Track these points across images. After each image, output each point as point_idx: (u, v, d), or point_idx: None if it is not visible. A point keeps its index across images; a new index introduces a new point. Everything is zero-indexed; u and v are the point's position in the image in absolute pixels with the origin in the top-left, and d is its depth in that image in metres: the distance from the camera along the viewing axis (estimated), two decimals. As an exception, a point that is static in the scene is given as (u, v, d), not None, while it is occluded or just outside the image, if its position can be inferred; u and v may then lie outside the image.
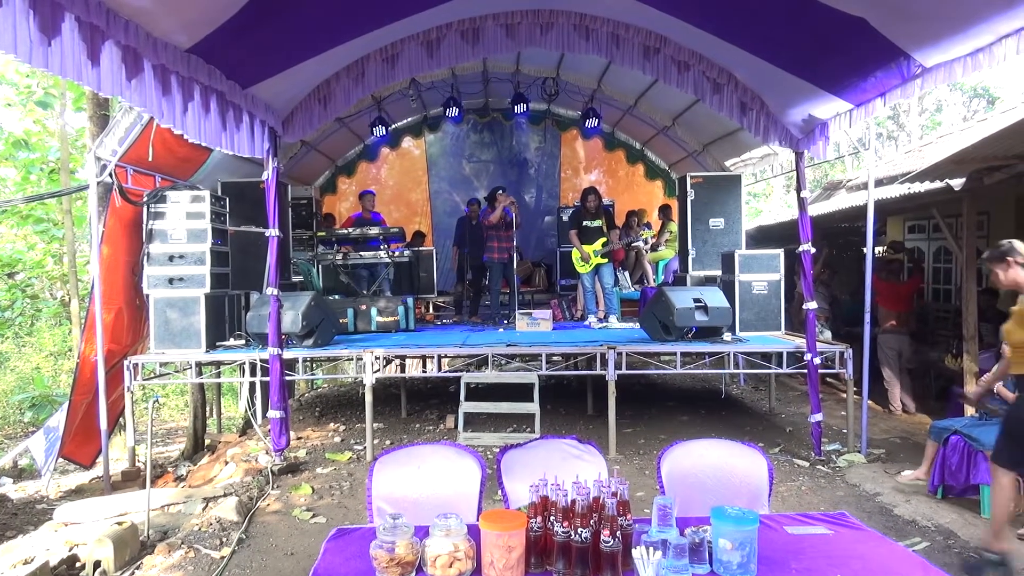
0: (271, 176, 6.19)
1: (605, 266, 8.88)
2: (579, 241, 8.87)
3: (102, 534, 4.54)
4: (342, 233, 9.15)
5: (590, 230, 8.87)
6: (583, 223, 8.89)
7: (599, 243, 8.79)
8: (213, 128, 5.03)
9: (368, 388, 6.76)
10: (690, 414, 8.42)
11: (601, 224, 8.86)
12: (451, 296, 11.42)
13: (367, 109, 10.71)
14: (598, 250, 8.79)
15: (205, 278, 6.87)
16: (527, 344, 7.22)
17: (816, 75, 5.65)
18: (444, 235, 12.82)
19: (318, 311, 7.21)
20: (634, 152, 12.89)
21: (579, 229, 8.90)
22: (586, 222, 8.89)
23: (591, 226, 8.86)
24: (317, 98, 6.20)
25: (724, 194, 9.03)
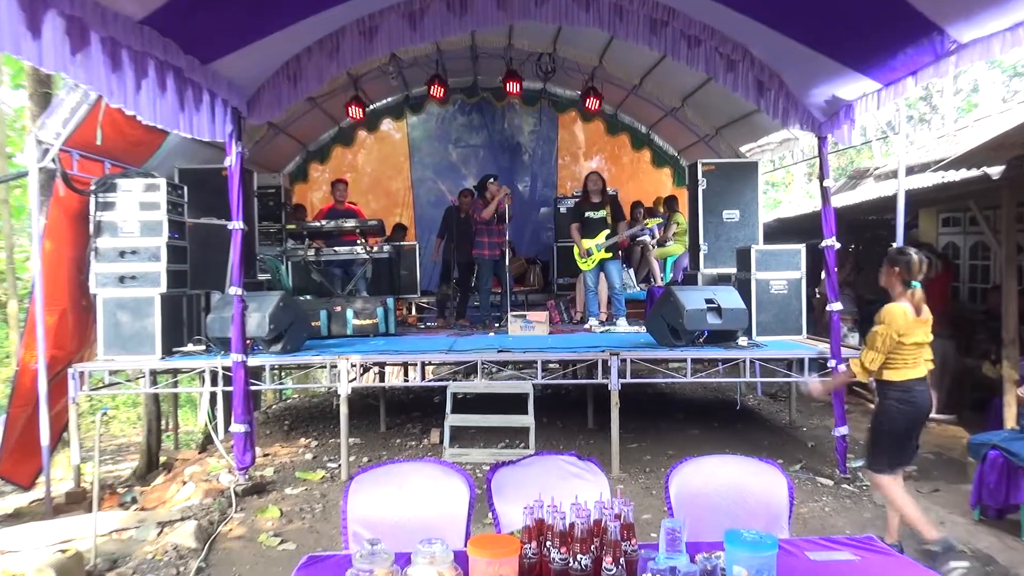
0: (235, 162, 6.16)
1: (611, 262, 8.87)
2: (579, 236, 8.88)
3: (43, 563, 4.51)
4: (314, 226, 9.13)
5: (592, 222, 8.85)
6: (585, 214, 8.89)
7: (601, 236, 8.78)
8: (169, 108, 5.01)
9: (343, 399, 6.75)
10: (702, 427, 8.43)
11: (605, 215, 8.84)
12: (435, 297, 11.41)
13: (342, 88, 10.69)
14: (600, 243, 8.77)
15: (160, 276, 6.84)
16: (520, 350, 7.22)
17: (840, 51, 5.66)
18: (428, 228, 12.82)
19: (287, 313, 7.19)
20: (640, 136, 12.91)
21: (581, 222, 8.91)
22: (588, 213, 8.87)
23: (594, 218, 8.85)
24: (286, 75, 6.17)
25: (739, 183, 9.05)
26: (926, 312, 4.54)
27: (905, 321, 4.43)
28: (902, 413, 4.54)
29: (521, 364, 8.03)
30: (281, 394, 11.63)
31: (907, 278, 4.53)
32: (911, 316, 4.45)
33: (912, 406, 4.53)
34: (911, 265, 4.52)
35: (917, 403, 4.54)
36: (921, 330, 4.52)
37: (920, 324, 4.50)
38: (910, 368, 4.52)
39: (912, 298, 4.49)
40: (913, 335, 4.47)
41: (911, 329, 4.46)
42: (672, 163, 12.88)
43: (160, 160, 8.07)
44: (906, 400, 4.53)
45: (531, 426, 7.00)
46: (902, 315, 4.44)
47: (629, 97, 11.63)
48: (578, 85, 11.37)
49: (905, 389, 4.53)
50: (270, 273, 9.18)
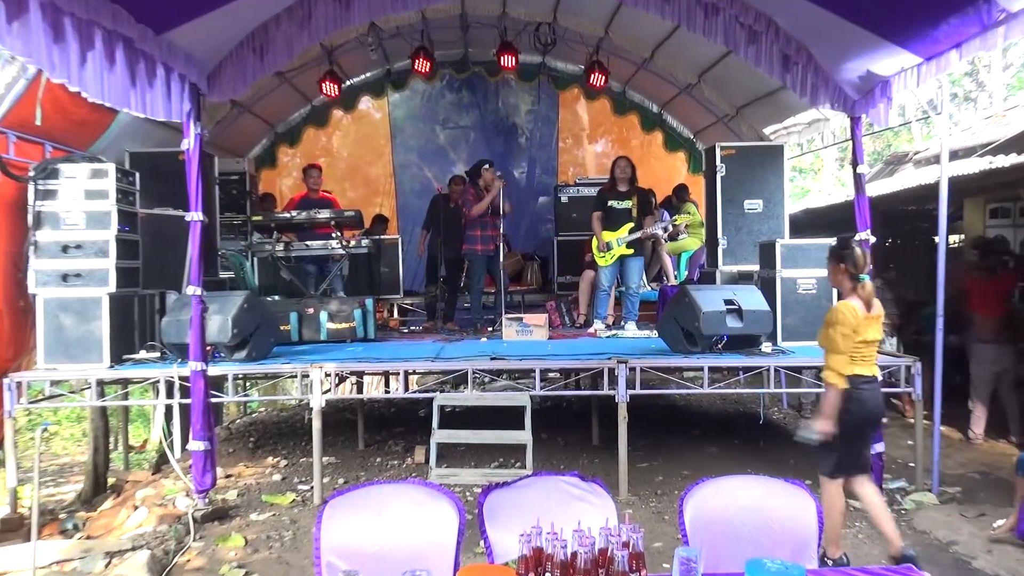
0: (193, 145, 6.15)
1: (632, 259, 8.88)
2: (601, 226, 8.89)
3: (-23, 598, 4.49)
4: (283, 217, 9.11)
5: (616, 212, 8.85)
6: (608, 203, 8.90)
7: (624, 229, 8.79)
8: (119, 84, 4.99)
9: (316, 413, 6.73)
10: (720, 444, 8.44)
11: (631, 206, 8.85)
12: (422, 298, 11.41)
13: (315, 62, 10.67)
14: (622, 238, 8.77)
15: (109, 274, 6.82)
16: (516, 357, 7.22)
17: (876, 21, 5.67)
18: (412, 220, 12.82)
19: (253, 316, 7.18)
20: (650, 116, 12.91)
21: (604, 211, 8.92)
22: (612, 202, 8.88)
23: (618, 207, 8.85)
24: (252, 47, 6.16)
25: (762, 169, 9.06)
26: (878, 307, 4.79)
27: (856, 318, 4.64)
28: (850, 413, 4.71)
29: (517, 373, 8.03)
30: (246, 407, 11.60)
31: (854, 272, 4.75)
32: (861, 313, 4.68)
33: (860, 404, 4.71)
34: (856, 258, 4.74)
35: (867, 402, 4.74)
36: (872, 327, 4.73)
37: (871, 320, 4.72)
38: (858, 366, 4.71)
39: (862, 293, 4.71)
40: (864, 332, 4.68)
41: (862, 326, 4.67)
42: (687, 147, 12.89)
43: (108, 143, 8.04)
44: (853, 398, 4.70)
45: (528, 443, 6.99)
46: (852, 313, 4.65)
47: (639, 72, 11.63)
48: (581, 59, 11.36)
49: (852, 386, 4.70)
50: (233, 271, 9.15)
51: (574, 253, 11.13)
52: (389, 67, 12.57)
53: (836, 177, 24.15)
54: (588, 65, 10.97)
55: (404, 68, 12.22)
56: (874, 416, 4.85)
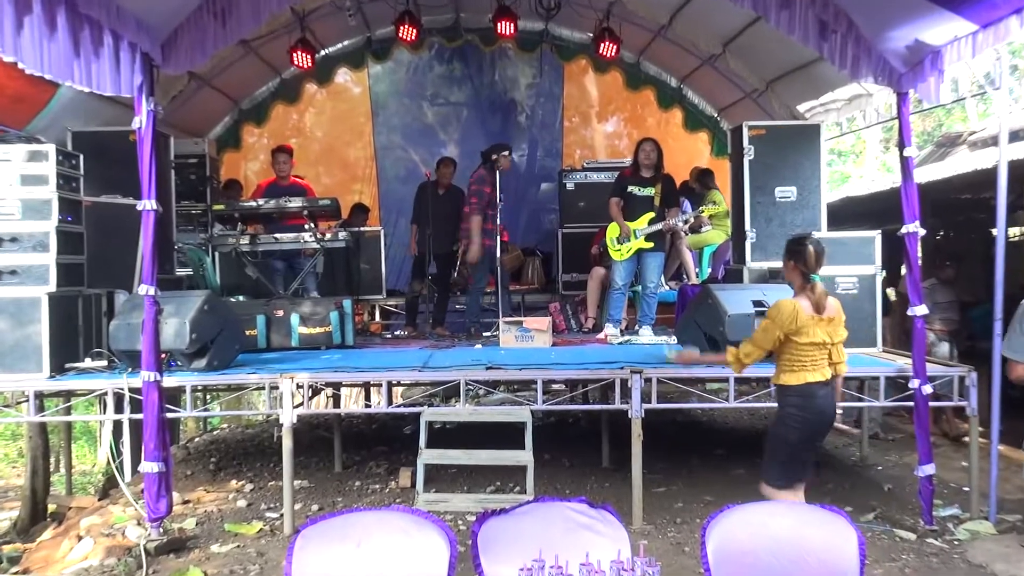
0: (145, 124, 6.13)
1: (651, 255, 8.90)
2: (620, 214, 8.89)
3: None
4: (249, 207, 9.12)
5: (636, 200, 8.86)
6: (628, 189, 8.91)
7: (644, 219, 8.79)
8: (61, 54, 4.99)
9: (286, 430, 6.72)
10: (747, 466, 8.44)
11: (653, 194, 8.86)
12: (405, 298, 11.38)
13: (285, 28, 10.66)
14: (641, 229, 8.77)
15: (49, 271, 6.81)
16: (515, 366, 7.21)
17: (927, -18, 5.67)
18: (395, 210, 12.83)
19: (214, 319, 7.17)
20: (668, 92, 12.92)
21: (622, 197, 8.92)
22: (633, 188, 8.89)
23: (638, 195, 8.87)
24: (212, 11, 6.15)
25: (796, 152, 9.04)
26: (833, 309, 5.02)
27: (795, 319, 4.86)
28: (798, 420, 4.97)
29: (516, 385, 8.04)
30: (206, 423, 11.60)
31: (805, 271, 5.00)
32: (806, 313, 4.89)
33: (810, 413, 4.96)
34: (807, 257, 4.97)
35: (816, 410, 4.96)
36: (823, 329, 4.94)
37: (821, 323, 4.94)
38: (808, 371, 4.94)
39: (812, 293, 4.95)
40: (810, 335, 4.89)
41: (807, 328, 4.88)
42: (710, 126, 12.88)
43: (49, 120, 8.03)
44: (803, 406, 4.96)
45: (529, 464, 7.00)
46: (790, 312, 4.88)
47: (655, 41, 11.63)
48: (590, 25, 11.37)
49: (802, 394, 4.96)
50: (192, 267, 9.15)
51: (581, 248, 11.09)
52: (370, 35, 12.55)
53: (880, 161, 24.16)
54: (597, 33, 10.97)
55: (387, 36, 12.21)
56: (824, 423, 5.09)
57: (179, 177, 9.83)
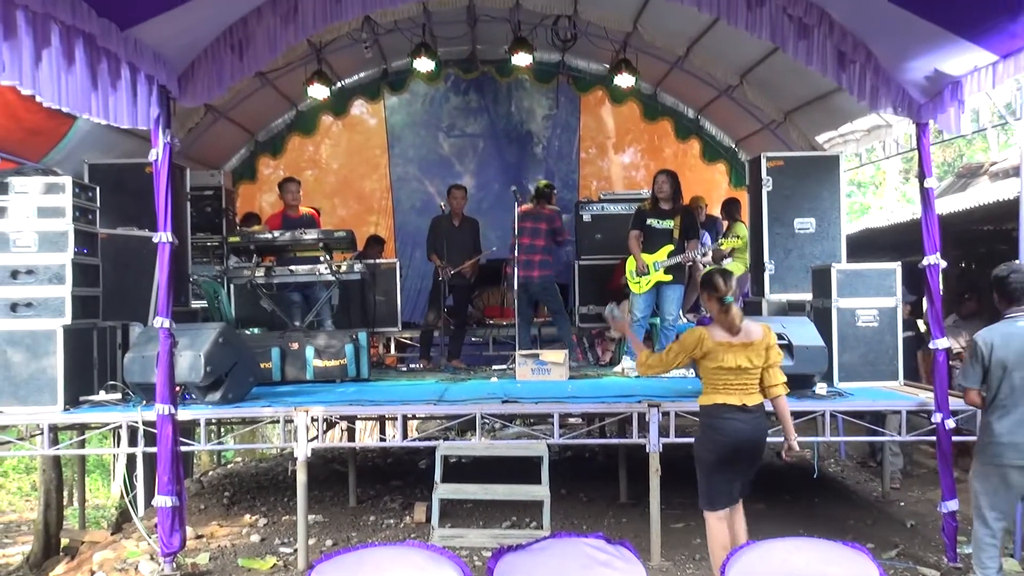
0: (162, 156, 6.18)
1: (670, 288, 8.88)
2: (639, 247, 8.90)
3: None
4: (264, 239, 9.12)
5: (656, 233, 8.85)
6: (647, 221, 8.92)
7: (662, 252, 8.79)
8: (78, 86, 5.02)
9: (301, 464, 6.72)
10: (768, 501, 8.38)
11: (672, 227, 8.86)
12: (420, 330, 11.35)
13: (301, 60, 10.76)
14: (660, 262, 8.77)
15: (64, 303, 6.84)
16: (532, 400, 7.19)
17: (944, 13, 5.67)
18: (411, 241, 12.85)
19: (229, 352, 7.19)
20: (686, 123, 12.95)
21: (642, 230, 8.94)
22: (651, 220, 8.89)
23: (657, 227, 8.86)
24: (229, 44, 6.20)
25: (815, 183, 9.05)
26: (752, 334, 5.25)
27: (699, 345, 5.19)
28: (709, 441, 5.32)
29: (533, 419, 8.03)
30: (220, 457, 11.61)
31: (717, 296, 5.23)
32: (716, 339, 5.18)
33: (720, 434, 5.25)
34: (715, 284, 5.24)
35: (726, 432, 5.23)
36: (736, 354, 5.18)
37: (734, 348, 5.19)
38: (719, 393, 5.23)
39: (725, 317, 5.19)
40: (718, 360, 5.18)
41: (714, 353, 5.18)
42: (728, 157, 12.90)
43: (66, 153, 8.10)
44: (712, 427, 5.30)
45: (545, 499, 6.96)
46: (695, 339, 5.21)
47: (672, 72, 11.67)
48: (606, 57, 11.41)
49: (710, 415, 5.31)
50: (207, 299, 9.18)
51: (598, 280, 11.08)
52: (386, 67, 12.66)
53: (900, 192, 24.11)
54: (614, 64, 11.01)
55: (403, 68, 12.30)
56: (740, 447, 5.27)
57: (195, 209, 9.89)
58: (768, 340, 5.26)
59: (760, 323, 5.45)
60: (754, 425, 5.28)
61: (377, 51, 11.46)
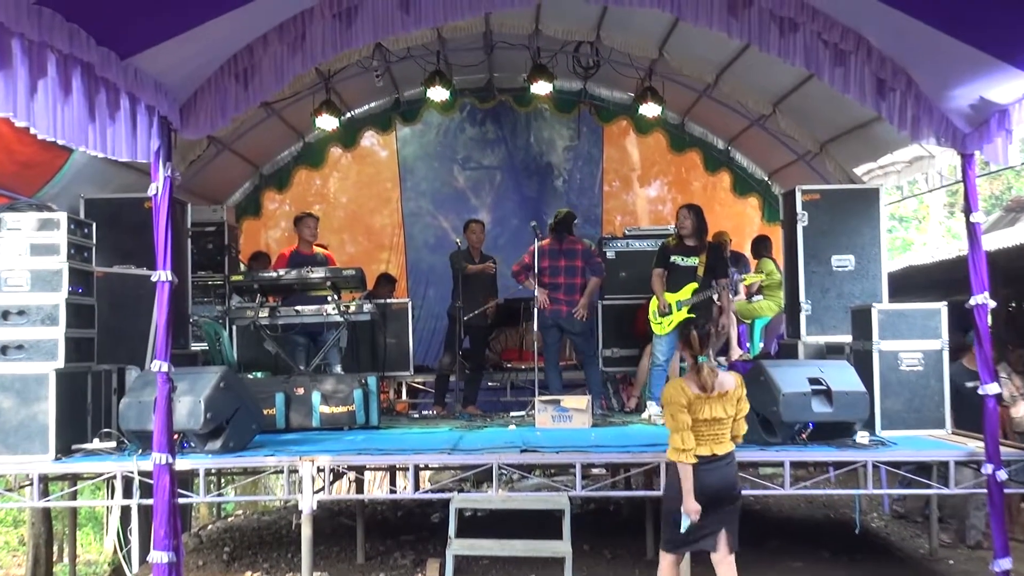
0: (162, 190, 6.19)
1: None
2: (662, 286, 8.90)
3: None
4: (268, 277, 9.14)
5: (680, 271, 8.87)
6: (671, 259, 8.93)
7: (686, 290, 8.79)
8: (75, 118, 5.06)
9: (306, 517, 6.71)
10: (806, 559, 8.31)
11: (697, 264, 8.86)
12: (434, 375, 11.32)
13: (309, 89, 10.85)
14: (683, 300, 8.76)
15: (57, 346, 6.86)
16: (552, 449, 7.16)
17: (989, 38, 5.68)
18: (424, 280, 12.90)
19: (230, 397, 7.19)
20: (715, 154, 12.99)
21: (667, 267, 8.95)
22: (676, 258, 8.90)
23: (680, 265, 8.87)
24: (234, 73, 6.25)
25: (854, 218, 9.03)
26: (724, 385, 5.64)
27: (683, 397, 5.54)
28: (678, 492, 5.60)
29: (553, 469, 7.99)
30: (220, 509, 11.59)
31: (691, 353, 5.78)
32: (691, 392, 5.56)
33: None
34: (690, 341, 5.78)
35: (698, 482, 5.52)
36: (714, 405, 5.58)
37: (710, 400, 5.58)
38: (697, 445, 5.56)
39: (698, 373, 5.60)
40: (697, 412, 5.55)
41: (694, 405, 5.54)
42: (760, 190, 12.92)
43: (61, 187, 8.17)
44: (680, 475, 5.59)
45: (567, 556, 6.91)
46: (678, 393, 5.56)
47: (701, 101, 11.72)
48: (630, 85, 11.47)
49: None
50: (208, 341, 9.20)
51: (623, 321, 11.06)
52: (398, 96, 12.77)
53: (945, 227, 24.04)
54: (639, 92, 11.06)
55: (416, 97, 12.42)
56: (710, 495, 5.56)
57: (196, 246, 9.94)
58: (740, 392, 5.69)
59: (732, 374, 5.94)
60: (722, 474, 5.62)
61: (389, 80, 11.56)
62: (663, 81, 11.03)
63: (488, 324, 10.28)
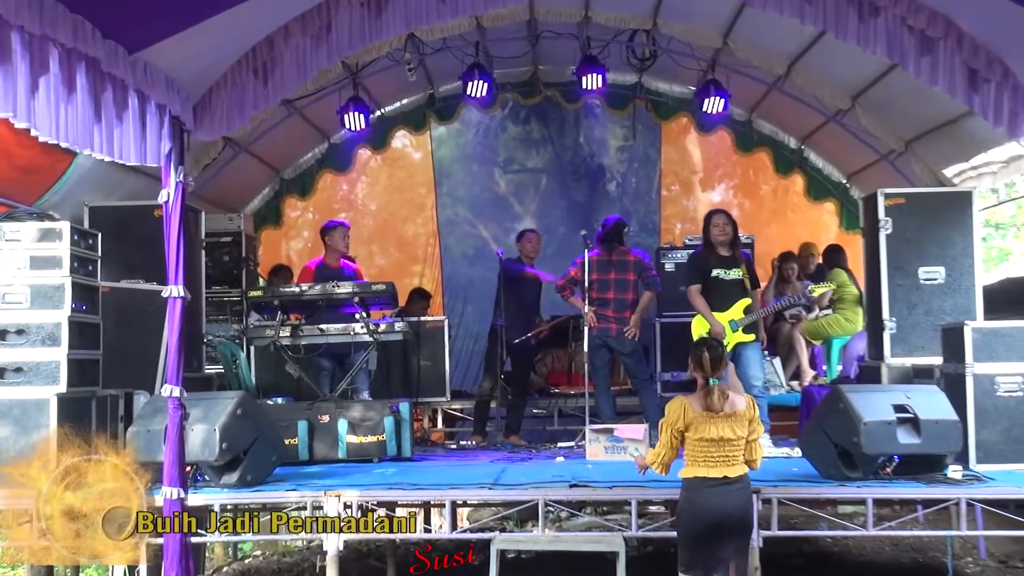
0: (173, 197, 6.25)
1: (750, 348, 8.80)
2: (705, 304, 8.87)
3: None
4: (290, 293, 9.18)
5: (725, 286, 8.83)
6: (711, 271, 8.89)
7: (739, 307, 8.75)
8: (79, 118, 5.10)
9: (331, 559, 6.72)
10: (892, 608, 8.25)
11: (741, 276, 8.85)
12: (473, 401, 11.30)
13: (335, 85, 10.90)
14: (737, 320, 8.72)
15: (59, 368, 6.91)
16: (605, 484, 7.14)
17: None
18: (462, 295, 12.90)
19: (248, 426, 7.22)
20: (787, 154, 12.94)
21: (704, 282, 8.91)
22: (717, 271, 8.86)
23: (726, 279, 8.83)
24: (252, 67, 6.30)
25: (944, 225, 8.95)
26: (736, 405, 5.69)
27: (683, 416, 5.66)
28: (685, 512, 5.76)
29: (606, 506, 7.95)
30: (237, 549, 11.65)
31: (703, 375, 5.75)
32: (695, 410, 5.65)
33: (694, 506, 5.70)
34: (701, 362, 5.74)
35: (701, 504, 5.66)
36: (720, 425, 5.62)
37: (715, 419, 5.62)
38: (699, 466, 5.65)
39: (707, 396, 5.66)
40: (700, 431, 5.62)
41: (698, 424, 5.62)
42: (838, 194, 12.83)
43: (64, 194, 8.24)
44: (688, 499, 5.75)
45: (621, 604, 6.90)
46: (678, 409, 5.69)
47: (770, 95, 11.69)
48: (691, 78, 11.48)
49: (688, 487, 5.75)
50: (223, 364, 9.26)
51: (684, 340, 10.98)
52: (433, 91, 12.81)
53: (1048, 235, 23.80)
54: (701, 86, 11.04)
55: (452, 93, 12.47)
56: (719, 522, 5.62)
57: (210, 258, 10.00)
58: (752, 413, 5.73)
59: (745, 396, 5.98)
60: (734, 498, 5.66)
61: (423, 73, 11.59)
62: (728, 73, 11.00)
63: (533, 344, 10.25)
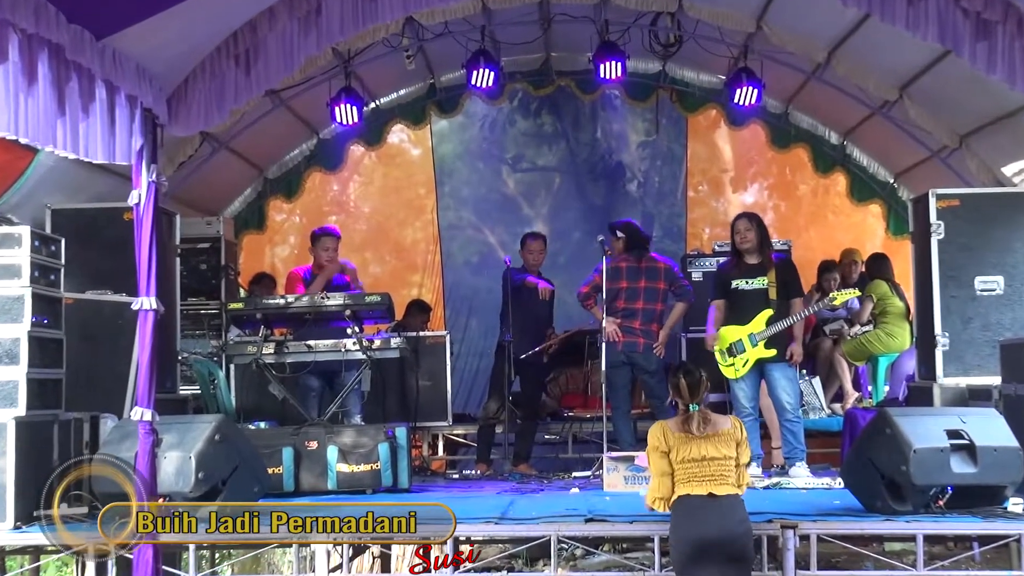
0: (145, 199, 6.25)
1: (777, 366, 8.79)
2: (714, 320, 8.88)
3: None
4: (274, 305, 9.18)
5: (746, 297, 8.82)
6: (731, 284, 8.89)
7: (760, 319, 8.73)
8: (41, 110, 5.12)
9: (319, 602, 6.73)
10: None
11: (765, 286, 8.82)
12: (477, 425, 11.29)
13: (324, 73, 10.88)
14: (756, 333, 8.71)
15: (17, 389, 6.90)
16: (625, 519, 7.11)
17: None
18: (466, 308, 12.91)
19: (227, 453, 7.23)
20: (828, 150, 12.94)
21: (726, 294, 8.92)
22: (738, 282, 8.87)
23: (747, 289, 8.82)
24: (233, 54, 6.31)
25: (1003, 229, 8.94)
26: (717, 426, 5.94)
27: (664, 439, 5.94)
28: (675, 531, 5.94)
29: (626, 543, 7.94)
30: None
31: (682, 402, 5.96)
32: (673, 433, 5.94)
33: (681, 530, 5.87)
34: (679, 388, 5.97)
35: (686, 527, 5.83)
36: (697, 446, 5.86)
37: (695, 440, 5.87)
38: (684, 485, 5.85)
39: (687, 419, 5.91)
40: (684, 451, 5.87)
41: (679, 446, 5.88)
42: (884, 195, 12.82)
43: (23, 196, 8.25)
44: (673, 525, 5.95)
45: (643, 652, 6.90)
46: (658, 434, 6.00)
47: (809, 84, 11.70)
48: (721, 66, 11.48)
49: (674, 510, 5.94)
50: (200, 384, 9.26)
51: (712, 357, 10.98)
52: (433, 81, 12.81)
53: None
54: (732, 75, 11.05)
55: (455, 82, 12.49)
56: (707, 544, 5.71)
57: (186, 267, 10.00)
58: (739, 435, 5.97)
59: (729, 416, 6.36)
60: (723, 517, 5.76)
61: (422, 61, 11.61)
62: (762, 60, 11.01)
63: (545, 362, 10.25)
